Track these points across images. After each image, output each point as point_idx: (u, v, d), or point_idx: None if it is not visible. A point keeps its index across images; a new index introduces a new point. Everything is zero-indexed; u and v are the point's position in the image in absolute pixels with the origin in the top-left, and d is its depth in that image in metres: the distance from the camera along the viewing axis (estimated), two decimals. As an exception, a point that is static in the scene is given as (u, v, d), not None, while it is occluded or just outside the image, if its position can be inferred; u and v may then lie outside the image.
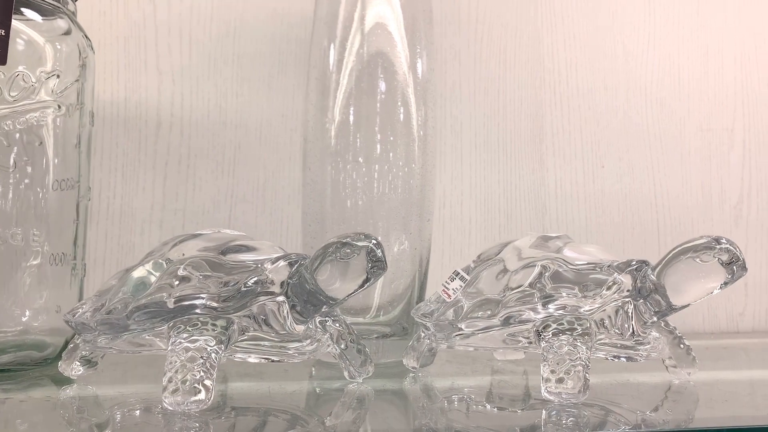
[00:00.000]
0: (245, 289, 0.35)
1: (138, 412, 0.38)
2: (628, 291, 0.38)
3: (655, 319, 0.39)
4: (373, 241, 0.35)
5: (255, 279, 0.35)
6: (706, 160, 0.67)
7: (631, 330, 0.38)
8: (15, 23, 0.42)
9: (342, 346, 0.39)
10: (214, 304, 0.34)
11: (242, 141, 0.61)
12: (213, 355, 0.33)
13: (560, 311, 0.37)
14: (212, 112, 0.61)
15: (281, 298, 0.36)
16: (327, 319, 0.39)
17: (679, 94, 0.66)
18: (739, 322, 0.66)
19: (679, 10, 0.67)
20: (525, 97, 0.65)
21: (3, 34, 0.41)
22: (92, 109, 0.47)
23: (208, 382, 0.33)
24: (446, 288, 0.42)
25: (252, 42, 0.61)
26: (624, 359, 0.39)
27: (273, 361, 0.37)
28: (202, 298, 0.34)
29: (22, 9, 0.43)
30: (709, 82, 0.67)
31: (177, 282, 0.36)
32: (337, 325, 0.39)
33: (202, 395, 0.32)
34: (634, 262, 0.38)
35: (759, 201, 0.67)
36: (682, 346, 0.41)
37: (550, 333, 0.36)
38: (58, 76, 0.43)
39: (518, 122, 0.64)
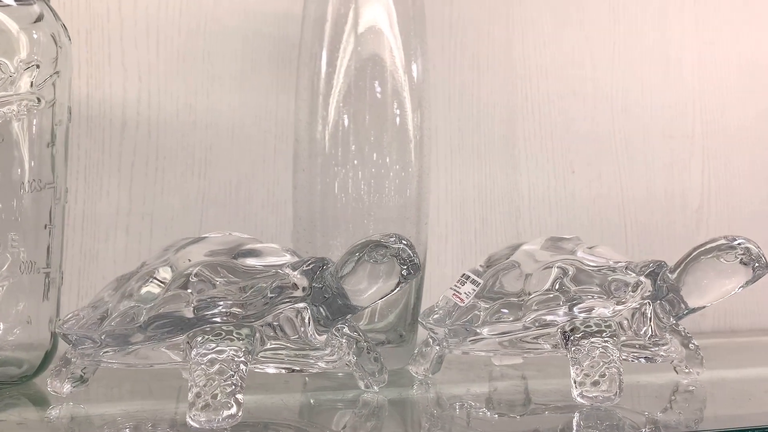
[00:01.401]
0: (271, 295, 0.33)
1: (128, 431, 0.35)
2: (649, 292, 0.38)
3: (673, 321, 0.39)
4: (405, 242, 0.33)
5: (279, 284, 0.33)
6: (669, 166, 0.68)
7: (650, 332, 0.38)
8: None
9: (358, 355, 0.38)
10: (238, 311, 0.32)
11: (213, 142, 0.58)
12: (242, 366, 0.31)
13: (584, 314, 0.37)
14: (181, 111, 0.57)
15: (302, 305, 0.34)
16: (343, 326, 0.37)
17: (642, 102, 0.68)
18: (701, 322, 0.68)
19: (641, 21, 0.69)
20: (498, 102, 0.65)
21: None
22: (69, 104, 0.43)
23: (239, 396, 0.30)
24: (457, 292, 0.41)
25: (223, 38, 0.58)
26: (643, 360, 0.39)
27: (294, 371, 0.35)
28: (225, 306, 0.32)
29: (-5, -9, 0.40)
30: (669, 90, 0.69)
31: (191, 290, 0.33)
32: (354, 333, 0.38)
33: (234, 410, 0.30)
34: (651, 264, 0.38)
35: (718, 206, 0.70)
36: (691, 346, 0.42)
37: (579, 335, 0.36)
38: (37, 67, 0.40)
39: (491, 127, 0.64)
